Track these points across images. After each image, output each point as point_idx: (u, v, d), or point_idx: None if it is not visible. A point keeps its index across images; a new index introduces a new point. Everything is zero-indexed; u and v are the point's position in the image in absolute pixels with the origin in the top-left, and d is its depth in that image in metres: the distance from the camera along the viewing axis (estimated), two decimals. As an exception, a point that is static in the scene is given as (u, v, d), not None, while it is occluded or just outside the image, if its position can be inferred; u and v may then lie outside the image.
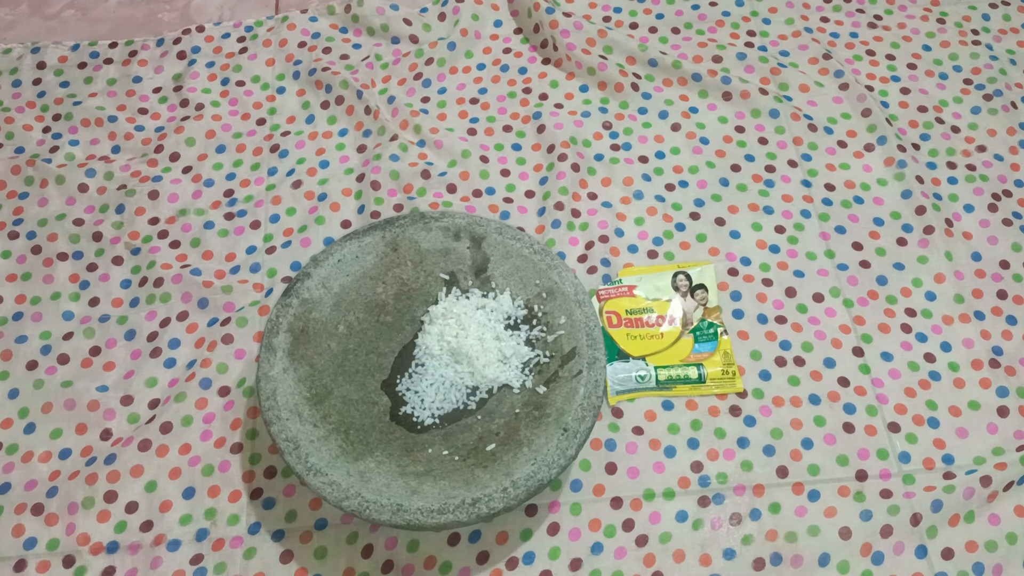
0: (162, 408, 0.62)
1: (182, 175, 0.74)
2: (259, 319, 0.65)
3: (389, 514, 0.50)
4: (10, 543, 0.57)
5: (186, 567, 0.57)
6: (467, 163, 0.74)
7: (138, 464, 0.59)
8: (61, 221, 0.71)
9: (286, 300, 0.58)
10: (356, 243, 0.61)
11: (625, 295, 0.66)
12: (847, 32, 0.83)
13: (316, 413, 0.55)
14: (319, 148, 0.75)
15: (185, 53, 0.81)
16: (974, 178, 0.73)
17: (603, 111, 0.77)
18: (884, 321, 0.66)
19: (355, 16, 0.83)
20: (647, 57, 0.79)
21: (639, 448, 0.61)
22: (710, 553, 0.57)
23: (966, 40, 0.82)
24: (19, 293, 0.68)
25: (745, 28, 0.83)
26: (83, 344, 0.65)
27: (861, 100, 0.77)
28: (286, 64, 0.80)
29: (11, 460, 0.60)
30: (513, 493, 0.51)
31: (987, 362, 0.65)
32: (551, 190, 0.72)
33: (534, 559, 0.57)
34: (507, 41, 0.82)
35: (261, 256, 0.69)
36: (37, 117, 0.77)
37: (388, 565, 0.57)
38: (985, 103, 0.78)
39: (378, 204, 0.71)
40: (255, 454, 0.61)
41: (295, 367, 0.56)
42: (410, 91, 0.79)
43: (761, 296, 0.67)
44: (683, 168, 0.74)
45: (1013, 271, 0.69)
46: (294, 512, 0.58)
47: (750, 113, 0.77)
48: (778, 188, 0.73)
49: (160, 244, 0.70)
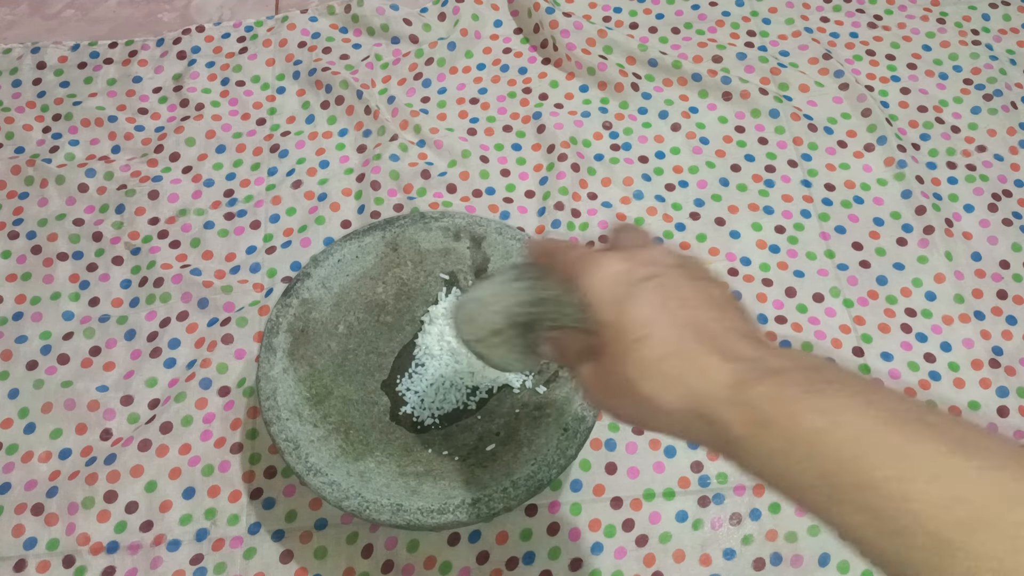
0: (162, 408, 0.62)
1: (182, 175, 0.74)
2: (259, 319, 0.65)
3: (389, 514, 0.50)
4: (10, 543, 0.57)
5: (186, 567, 0.57)
6: (467, 163, 0.74)
7: (138, 464, 0.59)
8: (61, 221, 0.71)
9: (286, 300, 0.58)
10: (356, 243, 0.61)
11: (625, 295, 0.66)
12: (847, 32, 0.83)
13: (316, 413, 0.55)
14: (319, 148, 0.75)
15: (185, 53, 0.81)
16: (974, 178, 0.73)
17: (603, 111, 0.77)
18: (884, 321, 0.66)
19: (355, 16, 0.83)
20: (647, 57, 0.79)
21: (639, 448, 0.61)
22: (710, 553, 0.57)
23: (966, 40, 0.82)
24: (19, 293, 0.68)
25: (745, 28, 0.83)
26: (83, 344, 0.65)
27: (861, 100, 0.77)
28: (286, 64, 0.80)
29: (11, 460, 0.60)
30: (513, 493, 0.51)
31: (987, 362, 0.65)
32: (551, 190, 0.72)
33: (534, 559, 0.57)
34: (507, 41, 0.82)
35: (261, 256, 0.69)
36: (37, 117, 0.77)
37: (388, 565, 0.57)
38: (985, 103, 0.78)
39: (378, 204, 0.71)
40: (255, 454, 0.61)
41: (295, 367, 0.56)
42: (410, 91, 0.79)
43: (761, 296, 0.67)
44: (683, 168, 0.74)
45: (1013, 271, 0.69)
46: (294, 512, 0.58)
47: (750, 113, 0.77)
48: (778, 188, 0.73)
49: (160, 244, 0.70)
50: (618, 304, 0.33)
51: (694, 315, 0.32)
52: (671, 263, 0.35)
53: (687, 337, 0.31)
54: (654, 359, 0.31)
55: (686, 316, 0.32)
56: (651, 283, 0.33)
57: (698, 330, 0.31)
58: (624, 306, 0.33)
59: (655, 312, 0.32)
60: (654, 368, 0.31)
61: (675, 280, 0.34)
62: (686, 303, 0.33)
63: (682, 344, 0.31)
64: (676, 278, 0.34)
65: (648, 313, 0.32)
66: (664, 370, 0.31)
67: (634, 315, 0.32)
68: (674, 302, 0.33)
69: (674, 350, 0.31)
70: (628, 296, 0.33)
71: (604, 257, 0.35)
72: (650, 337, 0.32)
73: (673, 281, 0.33)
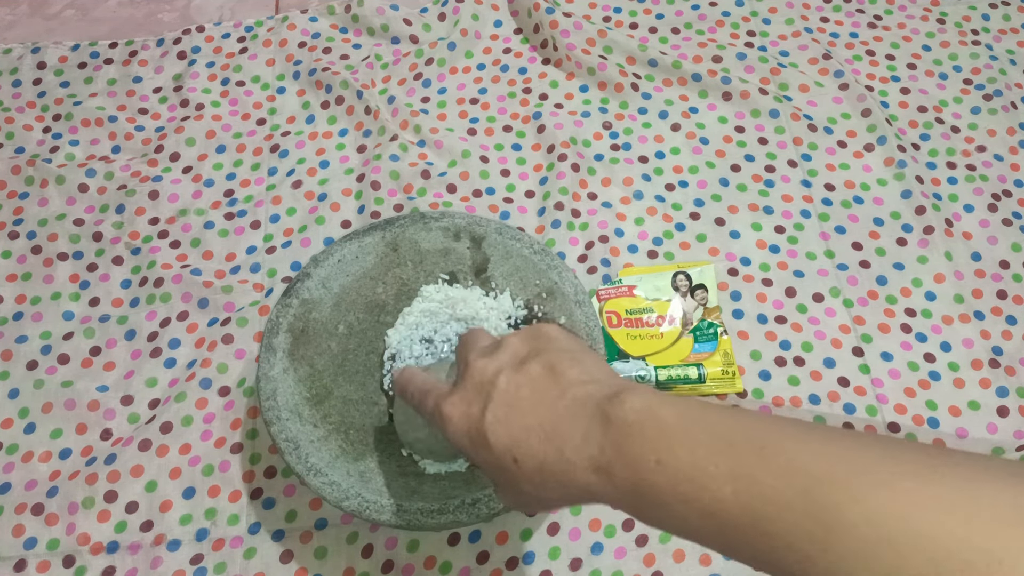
0: (162, 408, 0.62)
1: (182, 175, 0.74)
2: (259, 319, 0.65)
3: (389, 514, 0.50)
4: (10, 543, 0.57)
5: (186, 567, 0.57)
6: (467, 163, 0.74)
7: (138, 464, 0.59)
8: (61, 221, 0.71)
9: (286, 300, 0.58)
10: (356, 243, 0.61)
11: (625, 295, 0.66)
12: (847, 32, 0.83)
13: (316, 413, 0.55)
14: (319, 148, 0.75)
15: (185, 53, 0.81)
16: (974, 178, 0.73)
17: (603, 111, 0.77)
18: (884, 321, 0.66)
19: (355, 16, 0.83)
20: (647, 57, 0.79)
21: (639, 448, 0.61)
22: (710, 553, 0.57)
23: (966, 40, 0.82)
24: (19, 293, 0.68)
25: (745, 28, 0.83)
26: (83, 344, 0.65)
27: (861, 100, 0.77)
28: (286, 64, 0.80)
29: (11, 460, 0.61)
30: (513, 493, 0.51)
31: (987, 362, 0.65)
32: (551, 190, 0.72)
33: (534, 559, 0.57)
34: (507, 41, 0.82)
35: (261, 256, 0.69)
36: (37, 117, 0.77)
37: (388, 565, 0.57)
38: (985, 103, 0.78)
39: (378, 204, 0.71)
40: (255, 454, 0.61)
41: (295, 367, 0.56)
42: (410, 91, 0.79)
43: (761, 296, 0.67)
44: (683, 168, 0.74)
45: (1013, 271, 0.69)
46: (294, 512, 0.59)
47: (750, 113, 0.77)
48: (778, 188, 0.73)
49: (160, 244, 0.70)
50: (480, 447, 0.37)
51: (535, 416, 0.36)
52: (504, 363, 0.38)
53: (542, 445, 0.35)
54: (531, 475, 0.36)
55: (531, 424, 0.36)
56: (491, 409, 0.37)
57: (545, 434, 0.35)
58: (485, 447, 0.37)
59: (508, 439, 0.36)
60: (535, 480, 0.35)
61: (508, 388, 0.37)
62: (525, 405, 0.36)
63: (543, 452, 0.35)
64: (508, 385, 0.37)
65: (504, 443, 0.36)
66: (543, 480, 0.35)
67: (498, 451, 0.36)
68: (517, 415, 0.36)
69: (540, 461, 0.35)
70: (480, 437, 0.37)
71: (446, 407, 0.39)
72: (518, 462, 0.36)
73: (506, 391, 0.37)
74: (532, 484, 0.36)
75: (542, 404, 0.36)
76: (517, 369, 0.38)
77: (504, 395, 0.37)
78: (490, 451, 0.37)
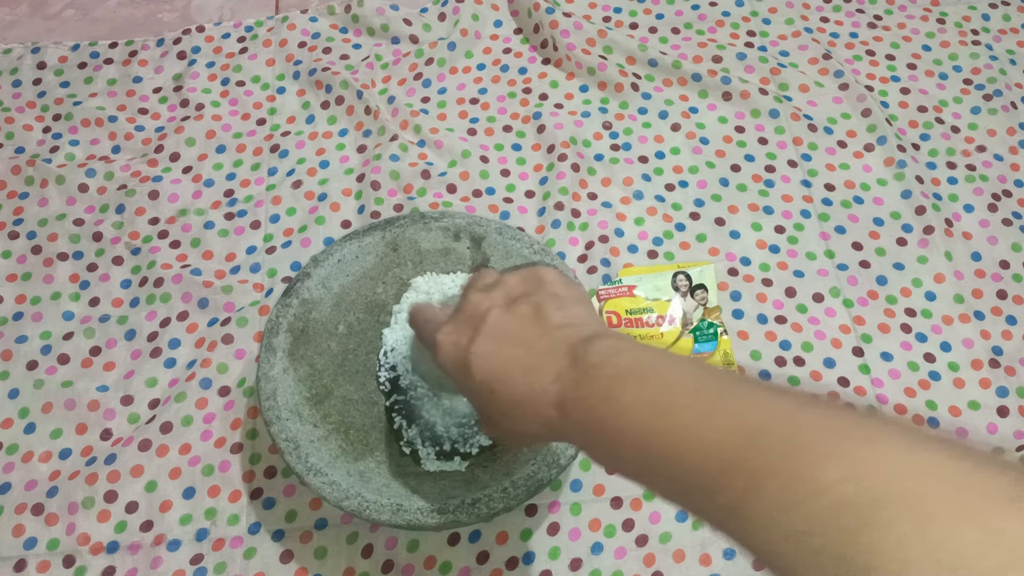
0: (162, 408, 0.62)
1: (182, 175, 0.74)
2: (259, 319, 0.65)
3: (389, 514, 0.50)
4: (10, 543, 0.57)
5: (186, 567, 0.57)
6: (467, 163, 0.74)
7: (138, 464, 0.59)
8: (61, 221, 0.71)
9: (286, 300, 0.58)
10: (356, 243, 0.61)
11: (625, 295, 0.66)
12: (847, 32, 0.83)
13: (316, 413, 0.55)
14: (319, 148, 0.75)
15: (185, 53, 0.81)
16: (974, 178, 0.73)
17: (603, 111, 0.77)
18: (884, 321, 0.66)
19: (355, 16, 0.83)
20: (647, 57, 0.79)
21: (639, 448, 0.61)
22: (710, 553, 0.57)
23: (966, 40, 0.82)
24: (19, 293, 0.68)
25: (745, 28, 0.83)
26: (83, 344, 0.65)
27: (861, 100, 0.77)
28: (286, 64, 0.80)
29: (11, 460, 0.60)
30: (513, 493, 0.51)
31: (987, 362, 0.65)
32: (551, 190, 0.72)
33: (534, 559, 0.57)
34: (507, 41, 0.82)
35: (261, 256, 0.69)
36: (37, 117, 0.77)
37: (388, 565, 0.57)
38: (985, 103, 0.78)
39: (378, 204, 0.71)
40: (255, 454, 0.61)
41: (295, 367, 0.56)
42: (410, 91, 0.79)
43: (761, 296, 0.67)
44: (683, 168, 0.74)
45: (1013, 271, 0.69)
46: (294, 512, 0.59)
47: (750, 113, 0.77)
48: (778, 188, 0.73)
49: (160, 244, 0.70)
50: (464, 375, 0.40)
51: (515, 352, 0.38)
52: (496, 300, 0.40)
53: (518, 380, 0.37)
54: (505, 406, 0.38)
55: (511, 359, 0.38)
56: (477, 342, 0.39)
57: (523, 370, 0.37)
58: (468, 375, 0.39)
59: (488, 370, 0.39)
60: (509, 412, 0.38)
61: (495, 324, 0.39)
62: (508, 341, 0.39)
63: (517, 387, 0.37)
64: (496, 321, 0.39)
65: (484, 373, 0.39)
66: (516, 413, 0.38)
67: (478, 380, 0.39)
68: (500, 349, 0.39)
69: (514, 393, 0.37)
70: (464, 366, 0.39)
71: (440, 335, 0.42)
72: (494, 393, 0.38)
73: (494, 326, 0.39)
74: (506, 416, 0.38)
75: (524, 342, 0.38)
76: (507, 308, 0.40)
77: (491, 330, 0.39)
78: (472, 380, 0.39)
